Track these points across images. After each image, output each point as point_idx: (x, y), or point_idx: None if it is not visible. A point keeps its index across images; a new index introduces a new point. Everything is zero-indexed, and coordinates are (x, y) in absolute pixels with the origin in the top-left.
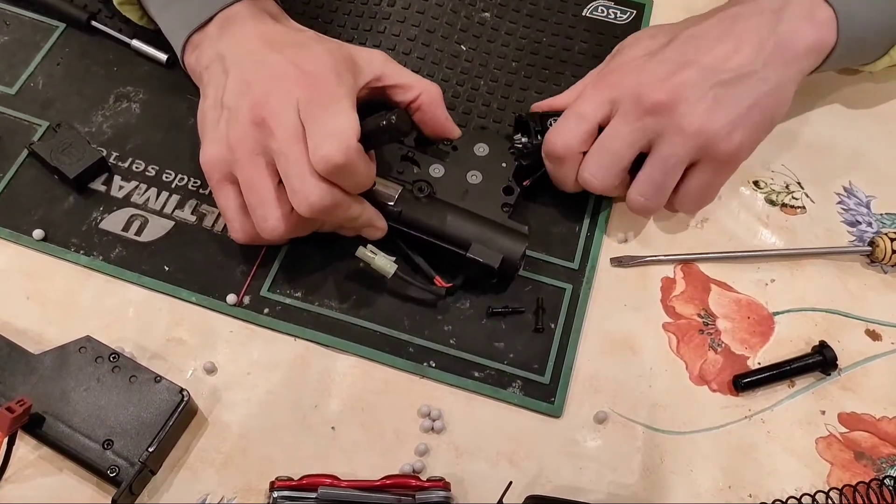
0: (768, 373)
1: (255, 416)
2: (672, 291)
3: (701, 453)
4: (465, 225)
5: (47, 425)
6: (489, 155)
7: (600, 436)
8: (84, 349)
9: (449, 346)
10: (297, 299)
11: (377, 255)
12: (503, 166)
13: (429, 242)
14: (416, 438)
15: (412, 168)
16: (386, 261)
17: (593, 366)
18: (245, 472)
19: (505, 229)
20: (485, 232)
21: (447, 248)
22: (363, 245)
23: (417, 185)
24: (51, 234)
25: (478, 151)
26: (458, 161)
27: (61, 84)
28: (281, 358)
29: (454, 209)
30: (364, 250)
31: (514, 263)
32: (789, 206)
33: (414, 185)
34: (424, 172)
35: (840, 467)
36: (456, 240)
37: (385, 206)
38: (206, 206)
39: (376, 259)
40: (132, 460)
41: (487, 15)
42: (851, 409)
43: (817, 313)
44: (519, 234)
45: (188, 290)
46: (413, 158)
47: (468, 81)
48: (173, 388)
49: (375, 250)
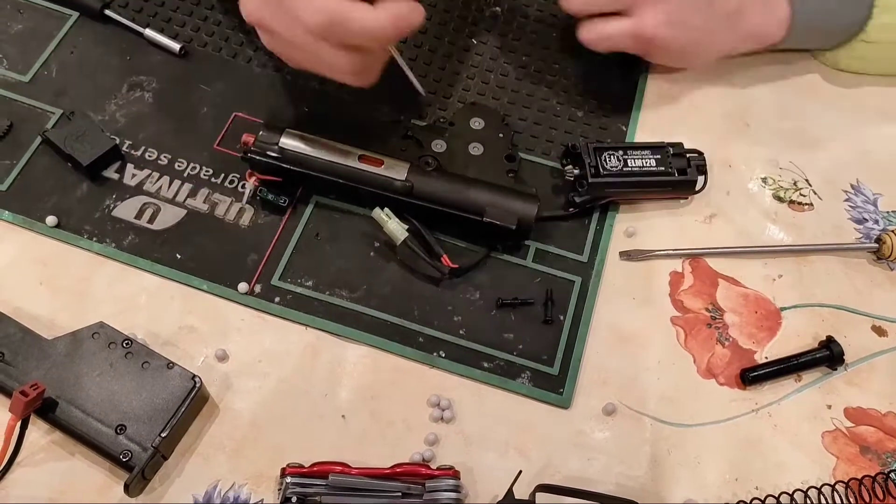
0: (775, 367)
1: (266, 404)
2: (680, 286)
3: (708, 446)
4: (477, 191)
5: (60, 410)
6: (486, 127)
7: (608, 427)
8: (97, 335)
9: (459, 337)
10: (308, 288)
11: (391, 220)
12: (500, 136)
13: (442, 213)
14: (426, 428)
15: (415, 145)
16: (398, 226)
17: (601, 358)
18: (256, 459)
19: (516, 192)
20: (497, 196)
21: (462, 215)
22: (380, 207)
23: (423, 160)
24: (64, 220)
25: (474, 125)
26: (457, 135)
27: (75, 72)
28: (292, 346)
29: (464, 178)
30: (380, 212)
31: (529, 223)
32: (797, 203)
33: (420, 160)
34: (427, 149)
35: (846, 461)
36: (470, 206)
37: (395, 181)
38: (218, 195)
39: (389, 223)
40: (144, 445)
41: (499, 9)
42: (857, 404)
43: (824, 309)
44: (530, 196)
45: (200, 279)
46: (414, 137)
47: (479, 75)
48: (186, 374)
49: (391, 214)
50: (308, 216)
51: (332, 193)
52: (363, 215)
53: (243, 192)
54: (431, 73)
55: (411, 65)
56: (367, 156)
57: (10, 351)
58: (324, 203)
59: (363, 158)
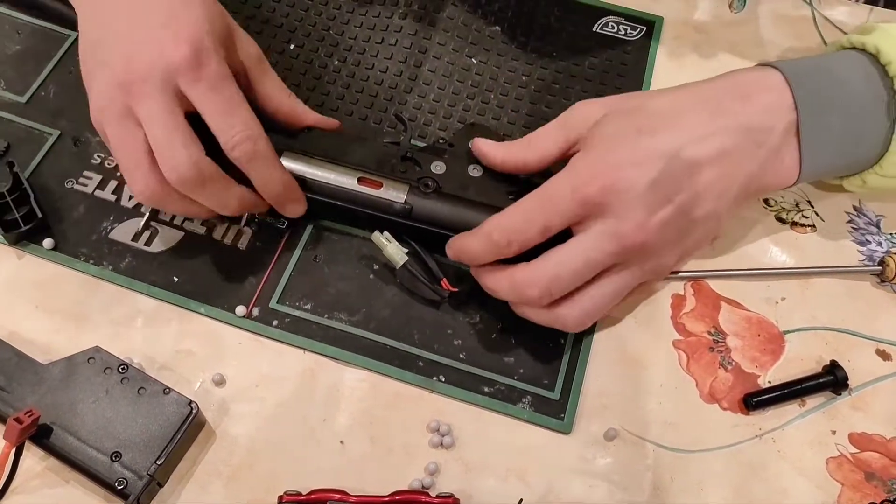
0: (779, 392)
1: (263, 430)
2: (682, 308)
3: (711, 472)
4: (476, 213)
5: (55, 436)
6: None
7: (610, 453)
8: (93, 360)
9: (459, 361)
10: (306, 311)
11: (390, 243)
12: None
13: (441, 235)
14: (426, 453)
15: (414, 167)
16: (398, 250)
17: (603, 382)
18: (253, 485)
19: None
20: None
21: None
22: (379, 231)
23: (423, 182)
24: (60, 243)
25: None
26: (456, 157)
27: (72, 93)
28: (290, 371)
29: (463, 200)
30: (379, 236)
31: None
32: (799, 225)
33: (419, 182)
34: (426, 170)
35: (851, 488)
36: (469, 228)
37: (394, 204)
38: (215, 217)
39: (389, 247)
40: (140, 473)
41: (498, 28)
42: (862, 430)
43: (828, 332)
44: None
45: (197, 302)
46: (413, 158)
47: (479, 95)
48: (182, 400)
49: (391, 238)
50: (306, 239)
51: (330, 216)
52: (362, 237)
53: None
54: (431, 93)
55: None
56: (366, 178)
57: (5, 376)
58: (322, 225)
59: (362, 181)
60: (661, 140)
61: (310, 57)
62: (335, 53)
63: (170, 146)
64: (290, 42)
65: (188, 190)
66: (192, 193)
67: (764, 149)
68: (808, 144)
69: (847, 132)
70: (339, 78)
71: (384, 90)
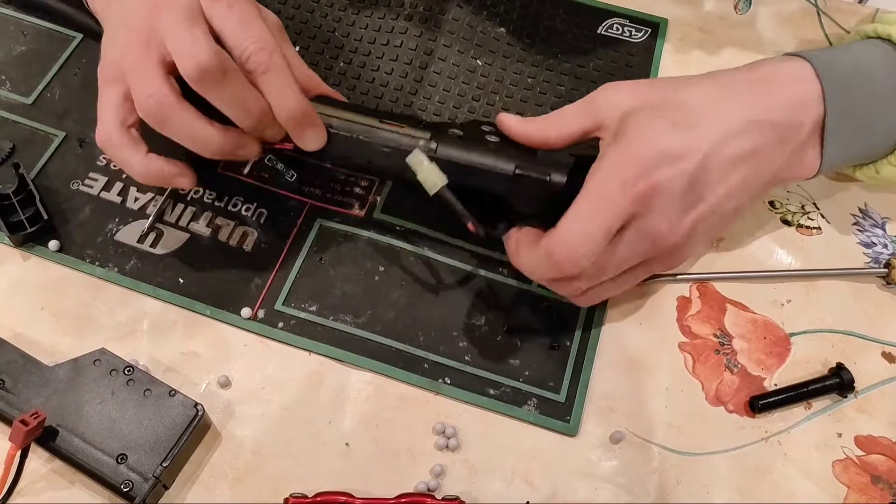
0: (785, 394)
1: (268, 432)
2: (688, 311)
3: (717, 475)
4: (506, 151)
5: (61, 438)
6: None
7: (616, 456)
8: (98, 361)
9: (464, 363)
10: (311, 313)
11: (428, 164)
12: None
13: (467, 180)
14: (431, 456)
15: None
16: (435, 171)
17: (608, 385)
18: (258, 487)
19: (546, 153)
20: (525, 157)
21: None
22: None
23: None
24: (66, 245)
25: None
26: (471, 128)
27: (78, 95)
28: (295, 373)
29: (489, 144)
30: (419, 154)
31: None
32: (805, 227)
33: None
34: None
35: (857, 491)
36: (495, 171)
37: (419, 140)
38: (221, 219)
39: (425, 165)
40: (146, 475)
41: (503, 30)
42: (868, 432)
43: (833, 335)
44: (562, 155)
45: (203, 304)
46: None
47: (484, 97)
48: (188, 402)
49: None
50: (312, 239)
51: (348, 163)
52: (368, 238)
53: (247, 215)
54: (436, 94)
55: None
56: (388, 121)
57: (11, 378)
58: (328, 226)
59: (384, 121)
60: (697, 136)
61: (315, 58)
62: (340, 55)
63: (191, 37)
64: (296, 43)
65: (208, 83)
66: (210, 89)
67: (791, 145)
68: (832, 138)
69: (868, 122)
70: (344, 79)
71: (389, 91)
